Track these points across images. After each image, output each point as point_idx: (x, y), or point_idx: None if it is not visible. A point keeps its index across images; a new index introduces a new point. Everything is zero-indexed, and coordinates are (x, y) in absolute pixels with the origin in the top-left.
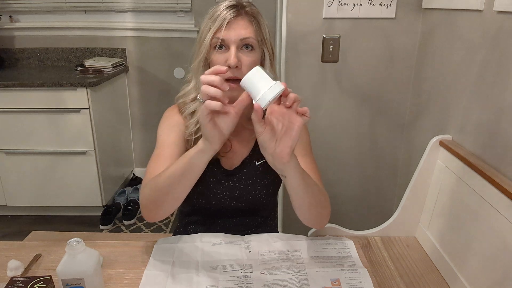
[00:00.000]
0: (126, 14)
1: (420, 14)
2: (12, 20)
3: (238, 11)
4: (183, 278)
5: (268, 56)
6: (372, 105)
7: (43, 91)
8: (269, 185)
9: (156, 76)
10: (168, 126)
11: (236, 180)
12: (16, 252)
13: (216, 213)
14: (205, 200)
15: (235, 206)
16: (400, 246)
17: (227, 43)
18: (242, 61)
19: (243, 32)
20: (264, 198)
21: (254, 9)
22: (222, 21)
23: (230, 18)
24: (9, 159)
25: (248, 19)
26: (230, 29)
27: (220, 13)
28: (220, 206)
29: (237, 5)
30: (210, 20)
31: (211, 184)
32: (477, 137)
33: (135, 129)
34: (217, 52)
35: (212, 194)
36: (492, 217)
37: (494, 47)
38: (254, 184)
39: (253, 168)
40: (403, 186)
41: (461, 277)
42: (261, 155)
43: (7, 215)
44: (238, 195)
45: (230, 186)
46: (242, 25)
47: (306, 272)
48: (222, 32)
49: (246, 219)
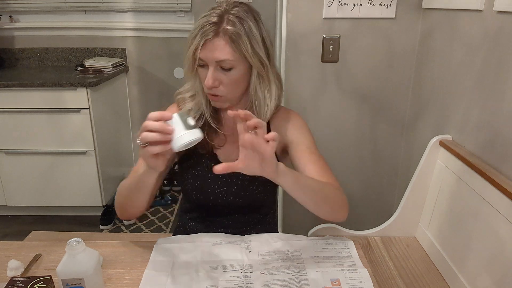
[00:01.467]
0: (126, 14)
1: (420, 14)
2: (12, 20)
3: (216, 31)
4: (183, 278)
5: (257, 67)
6: (372, 105)
7: (43, 91)
8: (267, 181)
9: (156, 76)
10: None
11: (234, 175)
12: (16, 252)
13: (215, 210)
14: (203, 196)
15: (233, 202)
16: (400, 246)
17: (206, 62)
18: (221, 80)
19: (218, 54)
20: (262, 194)
21: (235, 29)
22: (199, 41)
23: (206, 39)
24: (9, 159)
25: (226, 39)
26: (206, 49)
27: (200, 31)
28: (218, 201)
29: (217, 22)
30: (193, 34)
31: (209, 180)
32: (477, 137)
33: (135, 129)
34: (200, 67)
35: (210, 189)
36: (492, 217)
37: (494, 47)
38: (251, 179)
39: None
40: (403, 186)
41: (461, 277)
42: None
43: (7, 215)
44: (235, 190)
45: (228, 181)
46: (218, 46)
47: (306, 272)
48: (199, 51)
49: (245, 216)
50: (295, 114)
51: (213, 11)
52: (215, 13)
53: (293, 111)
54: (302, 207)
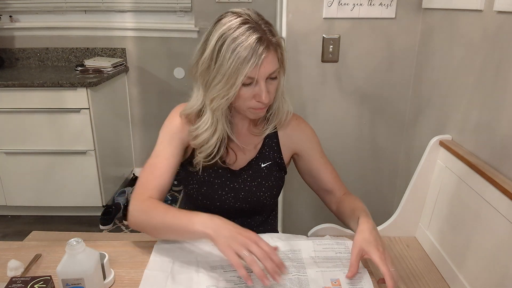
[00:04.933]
0: (126, 14)
1: (420, 14)
2: (12, 20)
3: (266, 45)
4: (183, 278)
5: (284, 70)
6: (372, 105)
7: (43, 91)
8: (274, 187)
9: (156, 76)
10: (170, 133)
11: (242, 181)
12: (16, 252)
13: (219, 214)
14: (209, 201)
15: (239, 207)
16: (400, 246)
17: (253, 80)
18: (269, 90)
19: (271, 67)
20: (268, 199)
21: (276, 37)
22: (255, 64)
23: (263, 57)
24: (9, 159)
25: (274, 50)
26: (261, 67)
27: (249, 53)
28: (224, 207)
29: (262, 38)
30: (237, 58)
31: (216, 186)
32: (477, 137)
33: (135, 129)
34: (244, 87)
35: (217, 195)
36: (492, 217)
37: (494, 47)
38: (259, 185)
39: (258, 170)
40: (403, 186)
41: (461, 277)
42: (267, 158)
43: (7, 215)
44: (243, 196)
45: (235, 187)
46: (271, 60)
47: (306, 272)
48: (255, 72)
49: (248, 219)
50: (304, 122)
51: (243, 25)
52: (251, 27)
53: (300, 117)
54: (302, 207)
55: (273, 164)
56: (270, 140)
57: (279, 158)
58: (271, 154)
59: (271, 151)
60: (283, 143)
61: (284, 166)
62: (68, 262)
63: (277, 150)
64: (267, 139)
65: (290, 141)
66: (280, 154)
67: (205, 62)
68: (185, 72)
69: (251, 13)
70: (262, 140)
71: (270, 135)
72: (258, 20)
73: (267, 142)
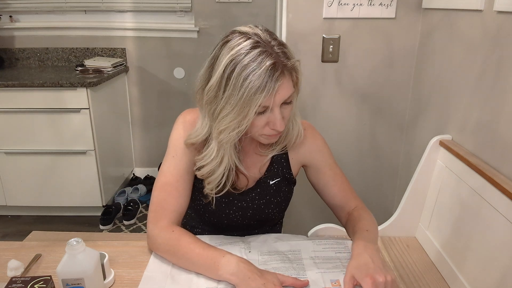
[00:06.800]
0: (126, 14)
1: (420, 14)
2: (12, 20)
3: (282, 73)
4: (183, 278)
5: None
6: (372, 105)
7: (43, 91)
8: (282, 202)
9: (156, 76)
10: (180, 146)
11: (250, 200)
12: (16, 252)
13: (225, 228)
14: (217, 219)
15: (246, 223)
16: (400, 246)
17: (267, 107)
18: (283, 115)
19: (286, 93)
20: (276, 215)
21: (290, 61)
22: (270, 93)
23: (277, 86)
24: (9, 159)
25: (289, 74)
26: (275, 95)
27: (263, 82)
28: (232, 224)
29: (277, 64)
30: (250, 87)
31: (224, 205)
32: (477, 137)
33: (135, 129)
34: (257, 115)
35: (225, 214)
36: (492, 217)
37: (494, 47)
38: (267, 203)
39: (267, 187)
40: (403, 186)
41: (461, 277)
42: (275, 175)
43: (7, 215)
44: (251, 214)
45: (243, 206)
46: (286, 86)
47: (306, 274)
48: (266, 100)
49: (254, 230)
50: (315, 131)
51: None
52: (263, 52)
53: (311, 126)
54: (302, 207)
55: (282, 180)
56: (278, 156)
57: (288, 174)
58: (279, 171)
59: (280, 167)
60: (292, 157)
61: (293, 179)
62: (68, 262)
63: (286, 166)
64: (276, 156)
65: (299, 153)
66: (289, 170)
67: (211, 90)
68: (185, 72)
69: (261, 32)
70: (270, 158)
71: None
72: (270, 40)
73: (275, 159)
